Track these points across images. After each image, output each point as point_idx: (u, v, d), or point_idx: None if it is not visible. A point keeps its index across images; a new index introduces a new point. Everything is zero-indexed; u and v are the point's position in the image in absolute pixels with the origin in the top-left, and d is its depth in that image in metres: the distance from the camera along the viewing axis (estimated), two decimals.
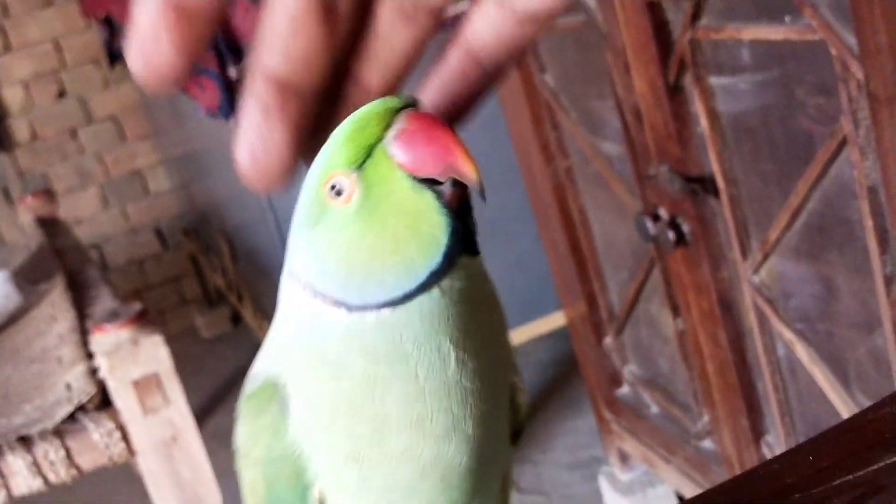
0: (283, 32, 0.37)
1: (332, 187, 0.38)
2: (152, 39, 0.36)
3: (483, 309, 0.39)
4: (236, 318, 3.53)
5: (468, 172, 0.37)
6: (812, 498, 0.40)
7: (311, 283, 0.39)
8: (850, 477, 0.40)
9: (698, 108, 1.29)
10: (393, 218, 0.38)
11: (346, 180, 0.38)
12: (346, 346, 0.39)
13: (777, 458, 0.41)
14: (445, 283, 0.38)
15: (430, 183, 0.38)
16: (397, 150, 0.38)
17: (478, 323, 0.39)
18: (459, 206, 0.38)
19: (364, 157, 0.38)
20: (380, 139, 0.38)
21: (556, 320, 2.35)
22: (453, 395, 0.38)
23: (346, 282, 0.38)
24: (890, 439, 0.41)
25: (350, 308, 0.39)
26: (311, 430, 0.41)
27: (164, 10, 0.36)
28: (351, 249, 0.38)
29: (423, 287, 0.38)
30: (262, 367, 0.43)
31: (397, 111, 0.38)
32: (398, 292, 0.38)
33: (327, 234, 0.39)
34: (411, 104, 0.39)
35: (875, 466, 0.40)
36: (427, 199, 0.38)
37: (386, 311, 0.38)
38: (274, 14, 0.37)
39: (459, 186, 0.39)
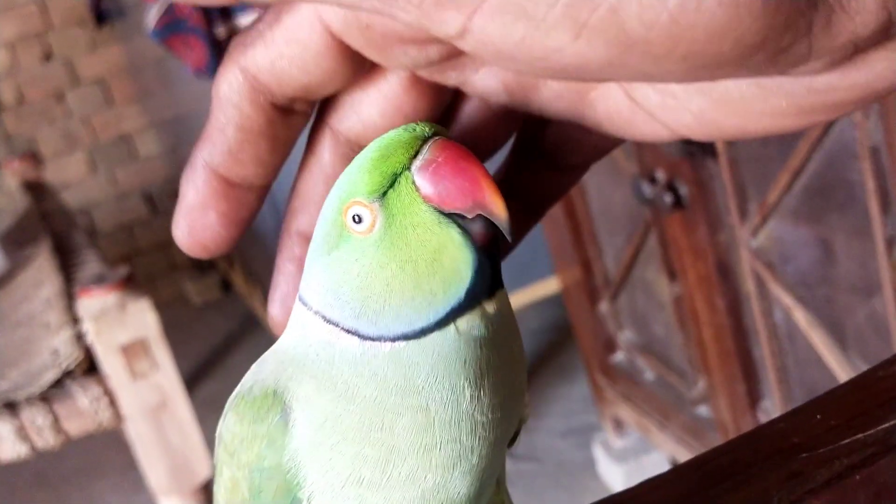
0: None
1: (354, 217, 0.37)
2: (199, 211, 0.38)
3: (503, 348, 0.38)
4: (226, 285, 3.51)
5: (497, 210, 0.36)
6: (819, 458, 0.38)
7: (323, 312, 0.38)
8: (860, 436, 0.38)
9: None
10: (415, 251, 0.36)
11: (367, 210, 0.37)
12: (357, 372, 0.38)
13: (783, 417, 0.39)
14: (464, 322, 0.36)
15: (457, 217, 0.37)
16: (423, 182, 0.36)
17: (497, 362, 0.38)
18: (487, 243, 0.37)
19: (387, 186, 0.36)
20: (405, 168, 0.36)
21: (550, 286, 2.33)
22: (464, 427, 0.37)
23: (361, 311, 0.37)
24: None
25: (363, 337, 0.37)
26: (312, 448, 0.39)
27: (212, 183, 0.37)
28: (369, 279, 0.37)
29: (441, 324, 0.36)
30: (266, 372, 0.42)
31: (425, 140, 0.37)
32: (415, 326, 0.36)
33: (344, 262, 0.38)
34: (440, 133, 0.37)
35: (886, 425, 0.38)
36: (452, 234, 0.36)
37: (400, 344, 0.37)
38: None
39: (488, 224, 0.37)
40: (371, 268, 0.37)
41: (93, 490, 2.44)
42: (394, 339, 0.37)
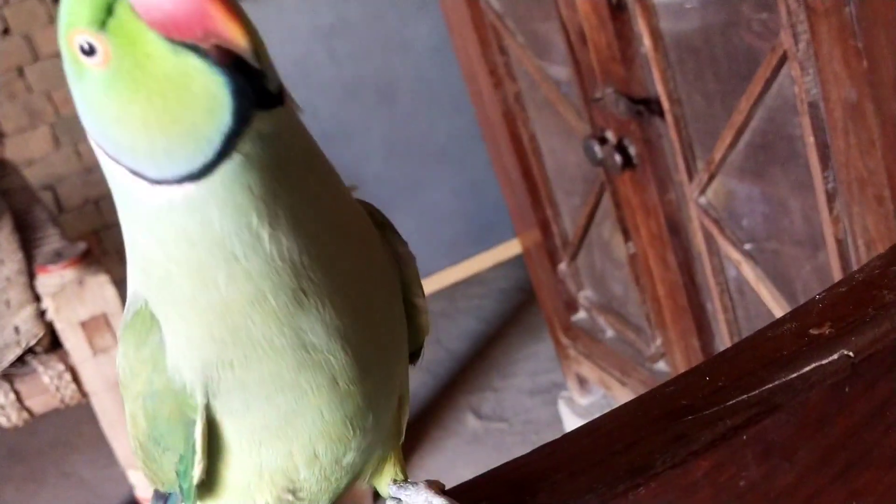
0: None
1: (82, 47, 0.35)
2: None
3: (292, 172, 0.37)
4: None
5: (234, 37, 0.33)
6: (704, 419, 0.39)
7: (100, 144, 0.38)
8: (745, 397, 0.39)
9: (641, 27, 1.27)
10: (157, 83, 0.34)
11: (96, 40, 0.35)
12: (165, 231, 0.37)
13: (673, 380, 0.40)
14: (245, 145, 0.35)
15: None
16: (144, 12, 0.34)
17: (290, 190, 0.36)
18: (237, 60, 0.34)
19: (104, 16, 0.35)
20: None
21: (514, 247, 2.35)
22: (285, 271, 0.36)
23: (133, 151, 0.36)
24: (787, 356, 0.40)
25: (150, 181, 0.37)
26: (182, 353, 0.39)
27: None
28: (122, 113, 0.36)
29: (223, 155, 0.35)
30: (133, 286, 0.42)
31: None
32: (196, 164, 0.35)
33: (93, 95, 0.36)
34: None
35: (770, 385, 0.40)
36: (191, 61, 0.34)
37: (191, 187, 0.36)
38: None
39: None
40: (120, 103, 0.35)
41: (67, 464, 2.45)
42: (180, 182, 0.36)
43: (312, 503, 0.43)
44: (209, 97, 0.35)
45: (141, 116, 0.35)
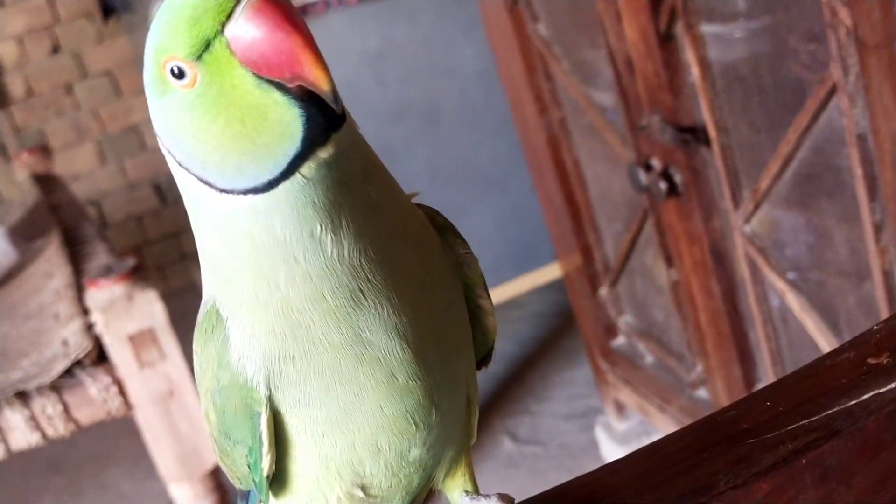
0: None
1: (172, 70, 0.38)
2: None
3: (355, 187, 0.39)
4: None
5: (318, 81, 0.36)
6: (766, 443, 0.40)
7: (172, 152, 0.40)
8: (805, 422, 0.40)
9: (689, 56, 1.28)
10: (239, 110, 0.38)
11: (187, 65, 0.38)
12: (230, 234, 0.39)
13: (734, 405, 0.41)
14: (307, 168, 0.38)
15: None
16: (239, 50, 0.37)
17: (352, 202, 0.39)
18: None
19: (202, 50, 0.37)
20: (218, 33, 0.37)
21: (552, 272, 2.35)
22: (343, 272, 0.38)
23: (204, 164, 0.39)
24: (846, 384, 0.41)
25: (217, 189, 0.39)
26: (245, 348, 0.41)
27: None
28: (200, 131, 0.38)
29: (286, 174, 0.38)
30: (206, 287, 0.44)
31: None
32: (261, 180, 0.38)
33: (175, 111, 0.39)
34: None
35: (830, 411, 0.41)
36: (274, 96, 0.37)
37: (256, 198, 0.38)
38: None
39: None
40: (201, 123, 0.38)
41: (106, 477, 2.48)
42: (244, 193, 0.38)
43: (385, 501, 0.44)
44: (283, 125, 0.37)
45: (218, 136, 0.38)
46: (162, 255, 3.62)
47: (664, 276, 1.60)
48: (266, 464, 0.43)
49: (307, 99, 0.37)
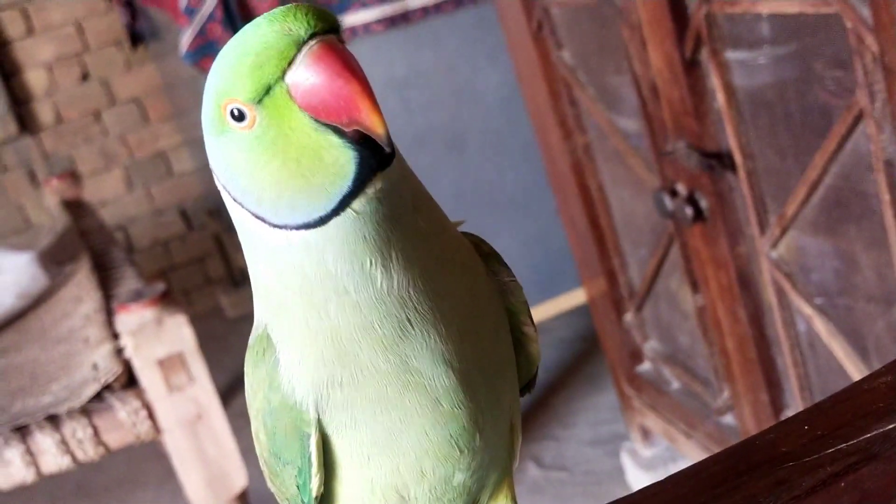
0: None
1: (232, 112, 0.40)
2: None
3: (404, 220, 0.41)
4: None
5: (374, 126, 0.38)
6: (805, 466, 0.40)
7: (227, 188, 0.42)
8: (844, 445, 0.41)
9: (715, 82, 1.29)
10: (295, 151, 0.39)
11: (247, 108, 0.39)
12: (283, 266, 0.41)
13: (773, 428, 0.42)
14: (358, 204, 0.39)
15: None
16: (300, 96, 0.38)
17: (401, 234, 0.40)
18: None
19: (263, 94, 0.39)
20: (279, 79, 0.39)
21: (576, 297, 2.36)
22: (392, 303, 0.40)
23: (259, 200, 0.40)
24: (884, 408, 0.41)
25: (270, 224, 0.41)
26: (295, 372, 0.42)
27: None
28: (257, 171, 0.40)
29: (337, 210, 0.39)
30: (258, 312, 0.45)
31: (302, 43, 0.38)
32: (314, 216, 0.39)
33: (233, 151, 0.41)
34: (318, 30, 0.38)
35: (868, 435, 0.41)
36: (330, 139, 0.39)
37: (308, 233, 0.40)
38: None
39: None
40: (257, 162, 0.40)
41: (132, 500, 2.49)
42: (296, 229, 0.40)
43: None
44: (337, 166, 0.39)
45: (273, 175, 0.40)
46: (187, 280, 3.64)
47: (690, 302, 1.60)
48: (315, 484, 0.44)
49: (360, 140, 0.39)
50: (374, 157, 0.39)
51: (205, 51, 1.99)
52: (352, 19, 2.04)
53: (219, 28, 1.97)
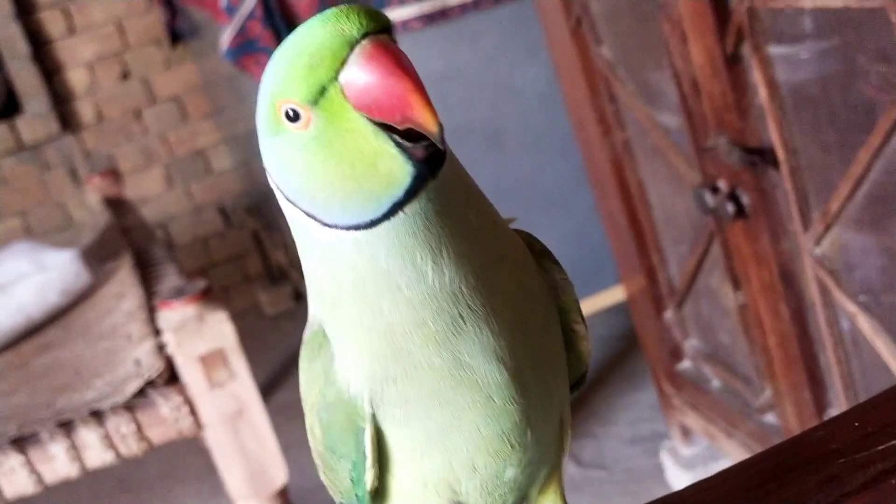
0: None
1: (287, 112, 0.40)
2: None
3: (455, 217, 0.41)
4: (298, 295, 3.57)
5: (427, 124, 0.38)
6: (856, 463, 0.40)
7: (280, 187, 0.42)
8: (894, 442, 0.40)
9: (757, 77, 1.28)
10: (352, 154, 0.40)
11: (302, 109, 0.39)
12: (335, 263, 0.41)
13: (823, 425, 0.42)
14: (411, 207, 0.39)
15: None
16: (352, 95, 0.39)
17: (451, 231, 0.40)
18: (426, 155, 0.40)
19: (317, 95, 0.39)
20: (333, 79, 0.39)
21: (615, 294, 2.35)
22: (445, 299, 0.40)
23: (312, 200, 0.41)
24: None
25: (321, 223, 0.41)
26: (350, 367, 0.42)
27: None
28: (311, 171, 0.40)
29: (389, 214, 0.39)
30: (312, 309, 0.46)
31: (354, 42, 0.38)
32: (365, 219, 0.40)
33: (288, 151, 0.41)
34: (370, 29, 0.39)
35: None
36: (386, 146, 0.39)
37: (359, 233, 0.40)
38: None
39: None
40: (312, 163, 0.40)
41: (173, 495, 2.51)
42: (347, 229, 0.40)
43: None
44: (392, 175, 0.39)
45: (327, 177, 0.40)
46: (226, 277, 3.67)
47: (731, 299, 1.59)
48: (369, 478, 0.44)
49: (413, 137, 0.39)
50: (428, 168, 0.40)
51: (245, 48, 2.00)
52: (390, 17, 2.04)
53: (258, 26, 1.99)
